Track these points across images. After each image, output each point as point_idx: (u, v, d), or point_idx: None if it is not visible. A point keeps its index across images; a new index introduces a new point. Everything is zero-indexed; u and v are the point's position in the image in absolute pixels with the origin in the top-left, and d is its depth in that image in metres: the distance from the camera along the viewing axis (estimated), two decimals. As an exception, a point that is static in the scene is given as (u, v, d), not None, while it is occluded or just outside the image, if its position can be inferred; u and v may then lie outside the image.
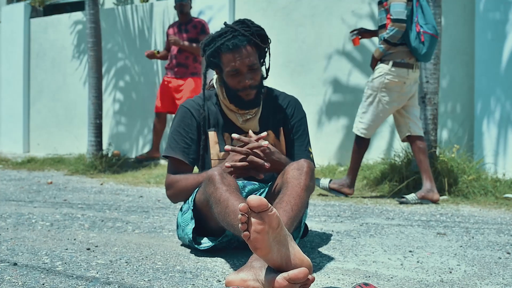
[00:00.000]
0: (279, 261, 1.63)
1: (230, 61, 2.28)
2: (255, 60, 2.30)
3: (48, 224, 2.88)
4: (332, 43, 5.72)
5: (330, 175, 5.07)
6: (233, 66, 2.28)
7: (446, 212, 3.55)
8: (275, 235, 1.62)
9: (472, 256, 2.31)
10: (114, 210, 3.44)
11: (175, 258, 2.15)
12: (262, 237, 1.59)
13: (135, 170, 5.80)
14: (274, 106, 2.44)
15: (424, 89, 4.40)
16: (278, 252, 1.63)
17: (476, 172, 4.29)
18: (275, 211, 1.61)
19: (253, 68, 2.30)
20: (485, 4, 4.87)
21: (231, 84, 2.32)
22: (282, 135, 2.43)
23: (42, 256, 2.13)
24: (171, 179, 2.37)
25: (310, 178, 2.03)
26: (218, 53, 2.31)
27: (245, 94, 2.32)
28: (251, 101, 2.34)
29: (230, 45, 2.27)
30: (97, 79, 5.92)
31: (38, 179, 5.22)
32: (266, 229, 1.59)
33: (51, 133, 7.76)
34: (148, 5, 7.00)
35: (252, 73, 2.31)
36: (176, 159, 2.38)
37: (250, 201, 1.57)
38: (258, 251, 1.62)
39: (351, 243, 2.54)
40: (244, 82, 2.29)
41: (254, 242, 1.60)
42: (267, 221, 1.59)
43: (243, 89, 2.30)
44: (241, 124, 2.38)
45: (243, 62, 2.27)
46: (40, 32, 7.92)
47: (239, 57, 2.27)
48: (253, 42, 2.31)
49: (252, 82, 2.30)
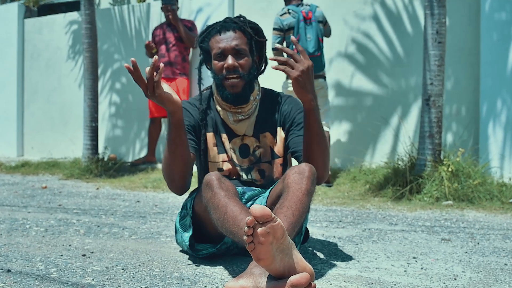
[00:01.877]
0: (281, 270, 1.63)
1: (217, 42, 2.29)
2: (243, 46, 2.29)
3: (42, 230, 2.88)
4: (333, 44, 5.73)
5: (332, 180, 5.08)
6: (219, 47, 2.28)
7: (450, 217, 3.55)
8: (278, 245, 1.62)
9: (478, 262, 2.31)
10: (110, 216, 3.44)
11: (173, 265, 2.15)
12: (266, 248, 1.60)
13: (131, 174, 5.80)
14: (271, 107, 2.42)
15: (428, 91, 4.40)
16: (281, 261, 1.63)
17: (481, 176, 4.29)
18: (279, 221, 1.61)
19: (240, 52, 2.28)
20: (491, 4, 4.88)
21: (216, 69, 2.30)
22: (280, 135, 2.40)
23: (37, 263, 2.13)
24: None
25: (311, 183, 2.02)
26: (208, 38, 2.33)
27: (230, 84, 2.27)
28: (237, 94, 2.29)
29: (218, 27, 2.31)
30: (92, 81, 5.93)
31: (32, 184, 5.23)
32: (270, 240, 1.60)
33: (45, 136, 7.76)
34: (145, 5, 7.02)
35: (238, 57, 2.28)
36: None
37: (253, 210, 1.58)
38: (261, 261, 1.62)
39: (354, 249, 2.54)
40: (227, 63, 2.26)
41: (258, 253, 1.61)
42: (271, 232, 1.59)
43: (228, 72, 2.26)
44: (231, 124, 2.36)
45: (228, 44, 2.27)
46: (35, 32, 7.93)
47: (225, 39, 2.28)
48: (242, 29, 2.31)
49: (236, 66, 2.26)
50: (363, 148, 5.56)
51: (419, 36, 5.27)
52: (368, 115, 5.57)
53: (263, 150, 2.38)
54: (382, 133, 5.48)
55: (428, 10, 4.37)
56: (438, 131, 4.42)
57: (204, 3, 6.48)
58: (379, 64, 5.56)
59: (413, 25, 5.42)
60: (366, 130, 5.54)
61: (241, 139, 2.38)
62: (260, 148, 2.38)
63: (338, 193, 4.57)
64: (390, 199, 4.21)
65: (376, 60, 5.57)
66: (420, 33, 5.20)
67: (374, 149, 5.54)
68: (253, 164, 2.37)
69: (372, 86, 5.57)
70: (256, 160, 2.37)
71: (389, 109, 5.47)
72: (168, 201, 4.21)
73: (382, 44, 5.56)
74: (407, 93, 5.41)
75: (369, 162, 5.42)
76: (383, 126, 5.49)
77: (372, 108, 5.56)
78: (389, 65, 5.52)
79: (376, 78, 5.56)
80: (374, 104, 5.55)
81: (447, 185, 4.14)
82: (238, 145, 2.37)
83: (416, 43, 5.34)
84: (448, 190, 4.12)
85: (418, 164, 4.41)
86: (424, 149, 4.37)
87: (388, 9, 5.54)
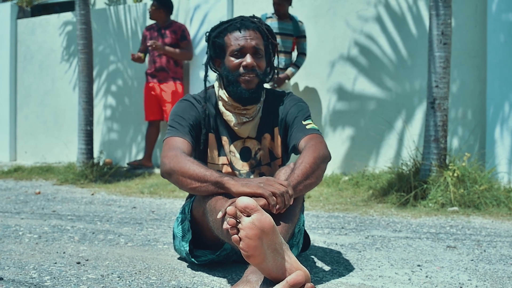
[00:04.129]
0: (275, 270, 1.63)
1: (235, 39, 2.28)
2: (261, 46, 2.30)
3: (36, 237, 2.88)
4: (335, 46, 5.74)
5: (334, 185, 5.09)
6: (238, 44, 2.27)
7: (456, 224, 3.56)
8: (269, 242, 1.63)
9: (484, 270, 2.32)
10: (105, 222, 3.44)
11: (170, 273, 2.15)
12: (255, 243, 1.60)
13: (127, 179, 5.81)
14: (271, 107, 2.42)
15: (434, 94, 4.40)
16: (273, 261, 1.63)
17: (488, 181, 4.29)
18: (267, 215, 1.62)
19: (258, 53, 2.29)
20: (498, 4, 4.89)
21: (232, 66, 2.28)
22: (276, 136, 2.40)
23: (30, 271, 2.13)
24: (178, 153, 2.13)
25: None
26: (224, 33, 2.32)
27: (246, 79, 2.27)
28: (251, 91, 2.29)
29: (238, 24, 2.30)
30: (87, 83, 5.94)
31: (26, 189, 5.23)
32: (258, 234, 1.60)
33: (39, 140, 7.77)
34: (141, 5, 7.03)
35: (256, 57, 2.29)
36: (182, 141, 2.23)
37: (238, 202, 1.59)
38: (251, 258, 1.62)
39: (356, 257, 2.54)
40: (247, 62, 2.26)
41: (247, 248, 1.61)
42: (258, 225, 1.60)
43: (245, 70, 2.26)
44: (235, 127, 2.35)
45: (249, 42, 2.27)
46: (28, 33, 7.94)
47: (246, 36, 2.28)
48: (260, 29, 2.32)
49: (254, 65, 2.27)
50: (366, 153, 5.57)
51: (423, 37, 5.28)
52: (371, 119, 5.58)
53: (263, 153, 2.39)
54: (386, 137, 5.49)
55: (433, 10, 4.38)
56: (443, 135, 4.42)
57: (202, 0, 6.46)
58: (382, 66, 5.57)
59: (418, 26, 5.43)
60: (369, 134, 5.55)
61: (242, 142, 2.38)
62: (260, 151, 2.38)
63: (341, 199, 4.58)
64: (394, 205, 4.22)
65: (380, 62, 5.59)
66: (425, 34, 5.22)
67: (377, 154, 5.55)
68: (253, 168, 2.37)
69: (376, 89, 5.58)
70: (257, 163, 2.38)
71: (393, 112, 5.48)
72: (165, 207, 4.21)
73: (385, 46, 5.57)
74: (412, 96, 5.42)
75: (373, 167, 5.42)
76: (386, 130, 5.49)
77: (375, 112, 5.57)
78: (392, 68, 5.53)
79: (379, 81, 5.57)
80: (377, 107, 5.56)
81: (453, 191, 4.14)
82: (239, 148, 2.37)
83: (420, 44, 5.35)
84: (453, 196, 4.12)
85: (422, 169, 4.41)
86: (429, 154, 4.38)
87: (391, 10, 5.55)
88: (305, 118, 2.34)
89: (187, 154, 2.16)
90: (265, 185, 1.90)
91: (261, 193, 1.85)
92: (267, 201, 1.84)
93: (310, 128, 2.28)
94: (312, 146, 2.14)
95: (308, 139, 2.22)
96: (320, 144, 2.18)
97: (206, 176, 2.00)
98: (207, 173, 2.00)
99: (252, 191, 1.87)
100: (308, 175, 2.03)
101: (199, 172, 2.01)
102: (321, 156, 2.11)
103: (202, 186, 2.00)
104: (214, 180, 1.97)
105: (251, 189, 1.88)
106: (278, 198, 1.87)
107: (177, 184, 2.10)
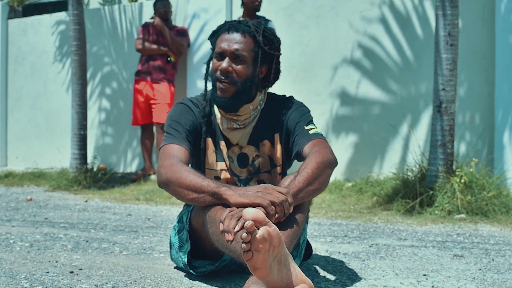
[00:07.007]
0: (279, 282, 1.64)
1: (221, 41, 2.30)
2: (244, 52, 2.28)
3: (27, 245, 2.88)
4: (338, 48, 5.75)
5: (337, 191, 5.09)
6: (219, 47, 2.30)
7: (463, 232, 3.56)
8: (275, 254, 1.63)
9: (492, 280, 2.32)
10: (99, 230, 3.45)
11: (166, 282, 2.16)
12: (263, 256, 1.60)
13: (122, 185, 5.81)
14: (272, 113, 2.41)
15: (440, 98, 4.41)
16: (278, 272, 1.64)
17: (496, 188, 4.29)
18: (275, 227, 1.63)
19: (239, 58, 2.28)
20: (507, 5, 4.90)
21: (212, 68, 2.33)
22: (277, 142, 2.40)
23: (21, 280, 2.14)
24: (175, 162, 2.14)
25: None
26: (218, 34, 2.35)
27: (221, 87, 2.28)
28: (225, 100, 2.29)
29: (227, 26, 2.32)
30: (81, 86, 5.95)
31: (17, 196, 5.23)
32: (267, 247, 1.60)
33: (30, 145, 7.77)
34: (137, 4, 7.05)
35: (236, 62, 2.28)
36: (179, 148, 2.24)
37: (246, 214, 1.59)
38: (257, 271, 1.63)
39: (360, 266, 2.55)
40: (221, 66, 2.27)
41: (255, 262, 1.61)
42: (268, 239, 1.60)
43: (221, 74, 2.28)
44: (224, 131, 2.36)
45: (230, 46, 2.28)
46: (19, 34, 7.96)
47: (229, 40, 2.29)
48: (252, 34, 2.30)
49: (229, 70, 2.27)
50: (370, 159, 5.57)
51: (429, 38, 5.29)
52: (375, 123, 5.59)
53: (262, 160, 2.39)
54: (391, 142, 5.49)
55: (439, 10, 4.39)
56: (450, 139, 4.43)
57: (200, 7, 6.48)
58: (387, 69, 5.58)
59: (423, 27, 5.45)
60: (374, 139, 5.55)
61: (239, 148, 2.38)
62: (259, 158, 2.38)
63: (344, 206, 4.58)
64: (398, 212, 4.22)
65: (384, 65, 5.60)
66: (431, 35, 5.23)
67: (382, 160, 5.56)
68: (252, 174, 2.38)
69: (380, 92, 5.59)
70: (255, 170, 2.38)
71: (398, 117, 5.49)
72: (161, 214, 4.22)
73: (390, 47, 5.58)
74: (417, 100, 5.43)
75: (377, 173, 5.43)
76: (391, 135, 5.50)
77: (379, 116, 5.57)
78: (397, 70, 5.54)
79: (383, 84, 5.58)
80: (382, 112, 5.57)
81: (460, 198, 4.15)
82: (237, 154, 2.38)
83: (426, 46, 5.36)
84: (460, 203, 4.12)
85: (428, 175, 4.41)
86: (436, 159, 4.38)
87: (396, 10, 5.57)
88: (307, 123, 2.34)
89: (184, 162, 2.17)
90: (263, 193, 1.90)
91: (259, 203, 1.86)
92: (266, 211, 1.85)
93: (313, 133, 2.29)
94: (317, 151, 2.15)
95: (312, 144, 2.23)
96: (325, 149, 2.18)
97: (203, 186, 2.01)
98: (204, 184, 2.02)
99: (250, 201, 1.88)
100: (310, 181, 2.04)
101: (196, 183, 2.02)
102: (325, 161, 2.11)
103: (199, 197, 2.02)
104: (212, 191, 1.99)
105: (249, 199, 1.89)
106: (277, 208, 1.88)
107: (174, 195, 2.12)
